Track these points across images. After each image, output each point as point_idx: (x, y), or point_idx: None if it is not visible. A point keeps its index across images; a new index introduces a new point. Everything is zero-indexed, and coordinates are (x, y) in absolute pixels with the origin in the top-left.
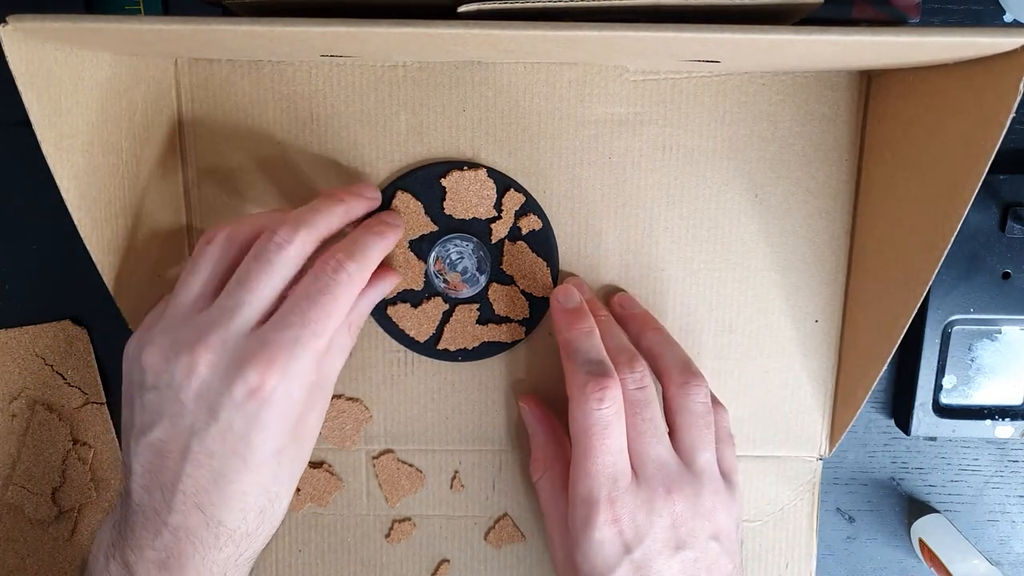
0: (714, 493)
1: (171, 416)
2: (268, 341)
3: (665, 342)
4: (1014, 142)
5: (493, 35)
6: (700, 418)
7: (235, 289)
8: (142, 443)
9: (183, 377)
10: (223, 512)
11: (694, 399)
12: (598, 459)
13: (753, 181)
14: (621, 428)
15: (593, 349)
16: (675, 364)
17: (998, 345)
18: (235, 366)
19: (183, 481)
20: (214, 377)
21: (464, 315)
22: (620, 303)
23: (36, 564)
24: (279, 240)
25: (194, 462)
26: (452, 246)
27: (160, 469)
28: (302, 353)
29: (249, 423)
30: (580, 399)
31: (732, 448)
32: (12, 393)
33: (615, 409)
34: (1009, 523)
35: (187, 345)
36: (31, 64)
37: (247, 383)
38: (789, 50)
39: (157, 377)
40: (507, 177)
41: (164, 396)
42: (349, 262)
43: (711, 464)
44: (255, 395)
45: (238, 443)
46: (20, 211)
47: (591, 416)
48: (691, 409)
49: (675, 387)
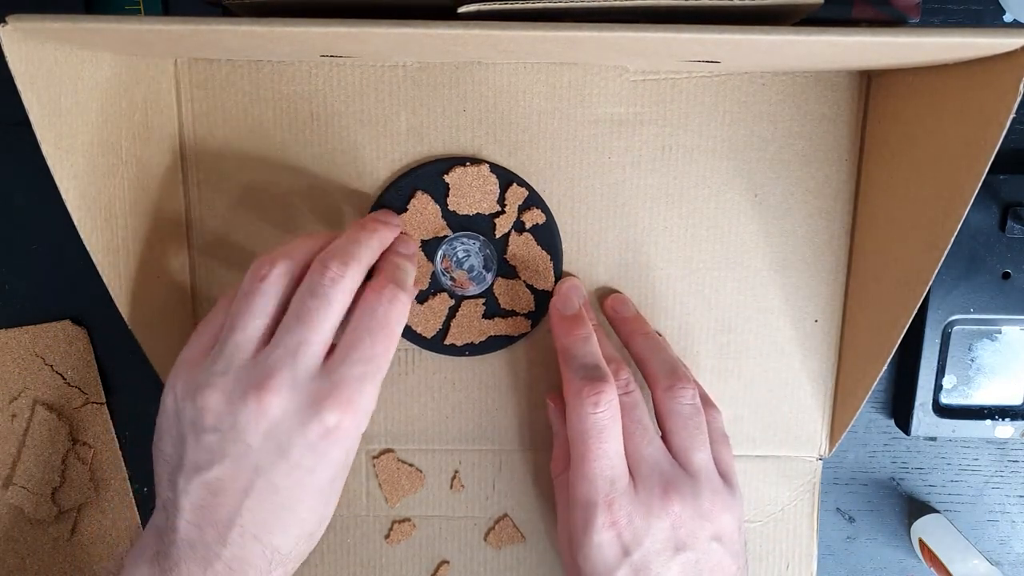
0: (713, 493)
1: (234, 457)
2: (339, 382)
3: (653, 347)
4: (1014, 142)
5: (493, 35)
6: (689, 420)
7: (296, 327)
8: (195, 481)
9: (250, 420)
10: (280, 539)
11: (681, 401)
12: (595, 463)
13: (753, 181)
14: (617, 432)
15: (589, 355)
16: (662, 369)
17: (998, 345)
18: (309, 407)
19: (242, 516)
20: (285, 419)
21: (470, 310)
22: (612, 306)
23: (36, 564)
24: (333, 275)
25: (256, 498)
26: (459, 244)
27: (215, 507)
28: (371, 389)
29: (319, 459)
30: (576, 404)
31: (728, 448)
32: (12, 393)
33: (611, 413)
34: (1009, 523)
35: (254, 387)
36: (31, 64)
37: (324, 424)
38: (789, 50)
39: (219, 419)
40: (509, 172)
41: (227, 438)
42: (400, 292)
43: (707, 464)
44: (329, 435)
45: (304, 478)
46: (20, 211)
47: (587, 420)
48: (679, 411)
49: (662, 391)
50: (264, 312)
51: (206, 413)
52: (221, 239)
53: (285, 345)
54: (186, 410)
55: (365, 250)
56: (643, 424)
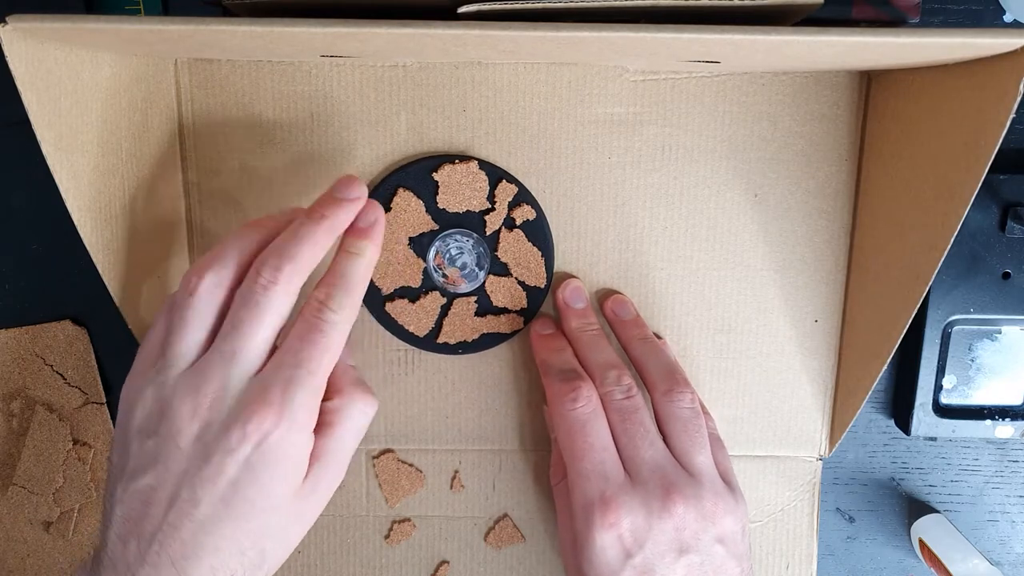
0: (715, 495)
1: (165, 461)
2: (266, 387)
3: (650, 351)
4: (1014, 142)
5: (493, 36)
6: (689, 423)
7: (231, 335)
8: (129, 489)
9: (184, 421)
10: (193, 568)
11: (679, 405)
12: (584, 457)
13: (752, 181)
14: (601, 426)
15: (564, 362)
16: (660, 373)
17: (998, 345)
18: (235, 410)
19: (163, 531)
20: (214, 423)
21: (462, 308)
22: (612, 308)
23: (36, 564)
24: (265, 282)
25: (178, 510)
26: (452, 241)
27: (142, 518)
28: (299, 395)
29: (241, 469)
30: (557, 405)
31: (725, 452)
32: (12, 393)
33: (590, 408)
34: (1009, 523)
35: (191, 390)
36: (31, 64)
37: (244, 427)
38: (789, 50)
39: (158, 423)
40: (499, 168)
41: (162, 441)
42: (329, 299)
43: (709, 466)
44: (249, 439)
45: (226, 490)
46: (20, 211)
47: (568, 417)
48: (678, 415)
49: (660, 395)
50: (200, 325)
51: (148, 418)
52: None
53: (220, 352)
54: (132, 417)
55: (306, 247)
56: (644, 427)
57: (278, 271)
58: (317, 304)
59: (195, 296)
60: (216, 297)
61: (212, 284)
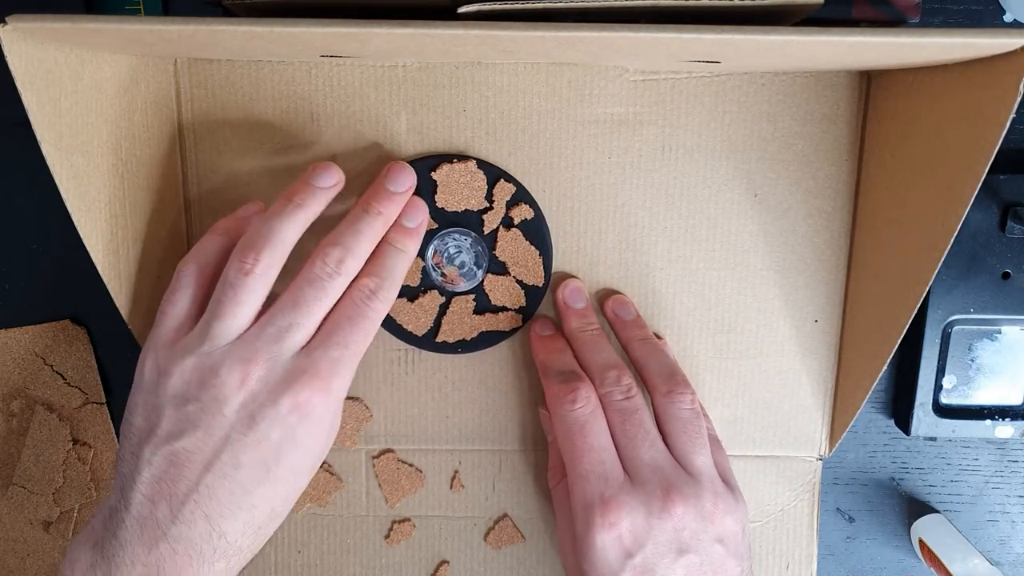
0: (715, 495)
1: (207, 427)
2: (316, 360)
3: (651, 352)
4: (1014, 142)
5: (493, 36)
6: (689, 423)
7: (290, 311)
8: (161, 451)
9: (232, 390)
10: (229, 524)
11: (679, 406)
12: (584, 458)
13: (752, 181)
14: (600, 426)
15: (564, 363)
16: (660, 374)
17: (998, 345)
18: (285, 381)
19: (199, 491)
20: (261, 391)
21: (461, 306)
22: (612, 309)
23: (36, 564)
24: (331, 270)
25: (217, 472)
26: (450, 240)
27: (175, 479)
28: (344, 373)
29: (285, 436)
30: (556, 406)
31: (723, 453)
32: (12, 393)
33: (589, 408)
34: (1009, 523)
35: (241, 361)
36: (31, 64)
37: (295, 398)
38: (789, 50)
39: (202, 390)
40: (497, 168)
41: (206, 407)
42: (379, 290)
43: (708, 467)
44: (298, 409)
45: (268, 455)
46: (20, 211)
47: (567, 418)
48: (678, 416)
49: (660, 396)
50: (253, 303)
51: (188, 385)
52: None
53: (276, 325)
54: (168, 383)
55: (365, 241)
56: (644, 427)
57: (342, 263)
58: (368, 292)
59: (251, 276)
60: (270, 277)
61: (267, 266)
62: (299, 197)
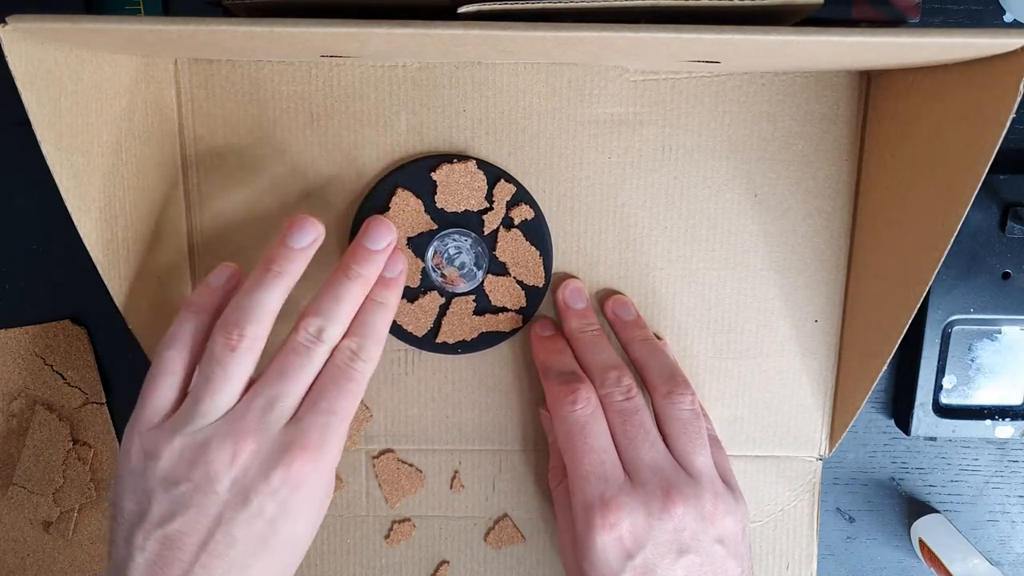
0: (715, 496)
1: (199, 506)
2: (304, 430)
3: (651, 353)
4: (1014, 142)
5: (493, 36)
6: (689, 424)
7: (276, 382)
8: (154, 536)
9: (223, 466)
10: None
11: (679, 406)
12: (584, 459)
13: (752, 181)
14: (600, 427)
15: (564, 364)
16: (660, 374)
17: (998, 345)
18: (276, 454)
19: (194, 572)
20: (252, 465)
21: (461, 307)
22: (613, 309)
23: (36, 564)
24: (310, 338)
25: (213, 552)
26: (450, 241)
27: (170, 562)
28: (332, 439)
29: (279, 509)
30: (556, 407)
31: (724, 453)
32: (12, 393)
33: (590, 409)
34: (1009, 523)
35: (230, 435)
36: (31, 64)
37: (287, 470)
38: (789, 50)
39: (192, 470)
40: (497, 168)
41: (197, 486)
42: (361, 351)
43: (708, 467)
44: (290, 481)
45: (264, 529)
46: (20, 211)
47: (568, 419)
48: (678, 416)
49: (660, 397)
50: (240, 377)
51: (177, 465)
52: (221, 239)
53: (264, 396)
54: (157, 465)
55: (344, 306)
56: (644, 428)
57: (322, 331)
58: (350, 354)
59: (238, 351)
60: (256, 351)
61: (252, 339)
62: (277, 264)
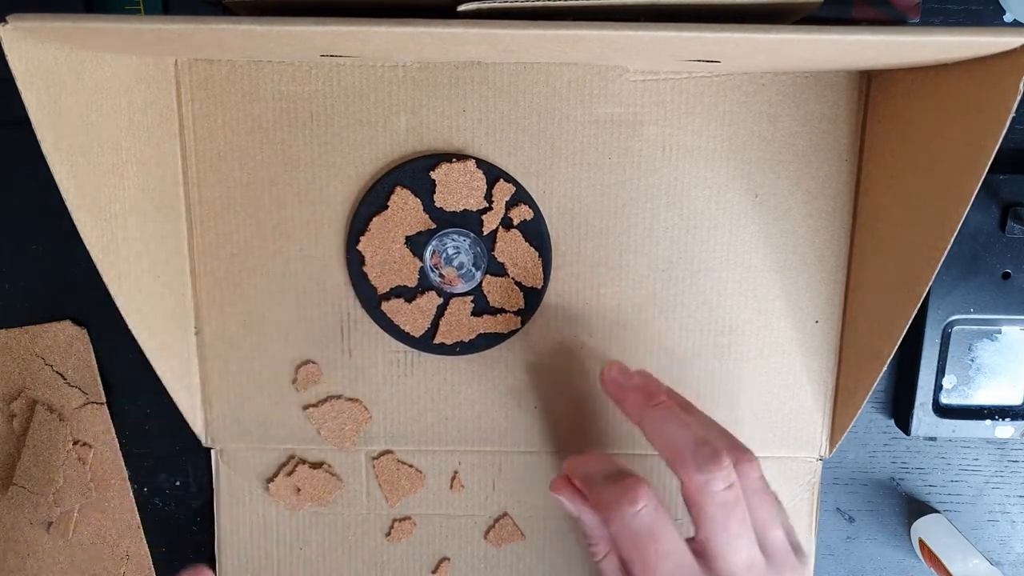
0: (792, 570)
1: None
2: None
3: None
4: (1014, 142)
5: (493, 35)
6: (765, 501)
7: None
8: None
9: None
10: None
11: (748, 477)
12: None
13: (753, 181)
14: (669, 529)
15: (609, 464)
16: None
17: (998, 345)
18: None
19: None
20: None
21: (459, 308)
22: (614, 378)
23: (36, 564)
24: None
25: None
26: (449, 240)
27: None
28: None
29: None
30: (613, 510)
31: (782, 509)
32: (12, 393)
33: (653, 506)
34: (1009, 523)
35: None
36: (31, 64)
37: None
38: (789, 50)
39: None
40: (496, 167)
41: None
42: None
43: (782, 541)
44: None
45: None
46: (20, 211)
47: (629, 522)
48: (747, 488)
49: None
50: None
51: None
52: (221, 239)
53: None
54: None
55: None
56: (746, 523)
57: None
58: None
59: None
60: None
61: None
62: None
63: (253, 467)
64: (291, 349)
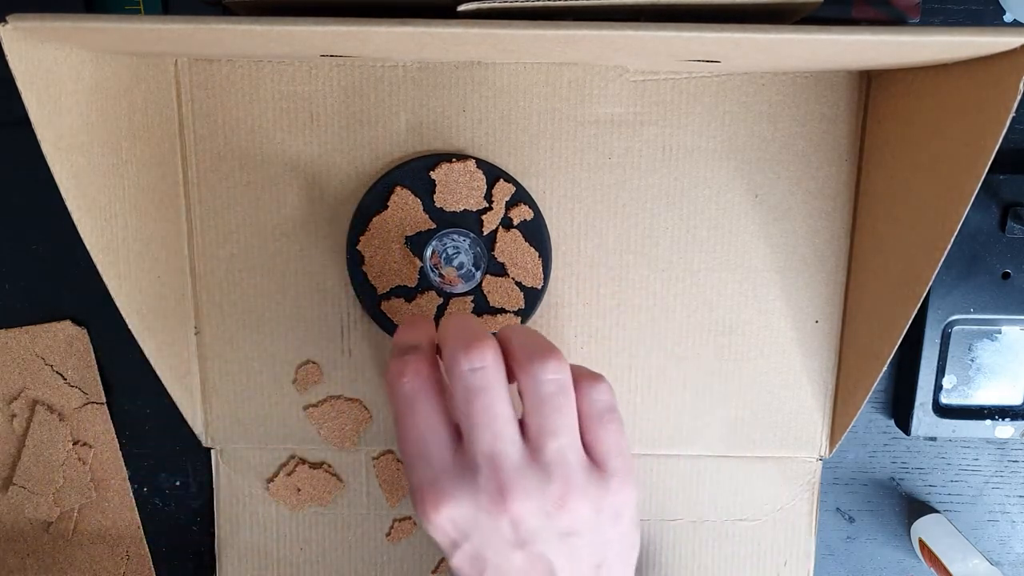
0: (566, 485)
1: None
2: None
3: (518, 329)
4: (1014, 142)
5: (493, 34)
6: (547, 401)
7: None
8: None
9: None
10: None
11: (538, 378)
12: (403, 442)
13: (753, 181)
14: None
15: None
16: (523, 346)
17: (998, 345)
18: None
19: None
20: None
21: (459, 308)
22: None
23: (36, 564)
24: None
25: None
26: (449, 240)
27: None
28: None
29: None
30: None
31: (614, 428)
32: (12, 393)
33: (418, 384)
34: (1009, 523)
35: None
36: (31, 64)
37: None
38: (789, 50)
39: None
40: (496, 168)
41: None
42: None
43: (562, 452)
44: None
45: None
46: (20, 211)
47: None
48: (536, 391)
49: (518, 370)
50: None
51: None
52: (221, 239)
53: None
54: None
55: None
56: (492, 411)
57: None
58: None
59: None
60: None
61: None
62: None
63: (253, 467)
64: (291, 349)
